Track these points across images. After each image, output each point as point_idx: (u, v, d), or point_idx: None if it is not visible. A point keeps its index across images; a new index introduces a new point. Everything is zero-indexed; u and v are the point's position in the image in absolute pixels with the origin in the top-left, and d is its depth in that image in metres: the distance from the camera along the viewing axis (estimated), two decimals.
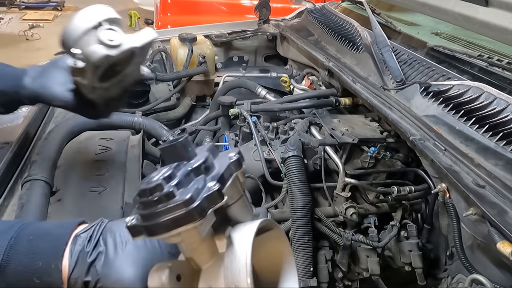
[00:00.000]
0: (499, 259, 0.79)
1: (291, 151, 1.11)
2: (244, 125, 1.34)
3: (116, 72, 0.83)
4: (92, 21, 0.74)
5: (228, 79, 1.96)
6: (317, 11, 1.92)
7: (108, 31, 0.74)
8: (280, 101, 1.51)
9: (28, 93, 0.83)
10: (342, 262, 1.09)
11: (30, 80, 0.83)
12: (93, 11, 0.75)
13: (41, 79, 0.83)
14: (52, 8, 7.57)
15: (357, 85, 1.29)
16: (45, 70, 0.84)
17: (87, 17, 0.74)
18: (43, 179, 0.95)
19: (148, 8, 5.81)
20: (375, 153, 1.16)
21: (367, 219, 1.19)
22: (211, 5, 3.98)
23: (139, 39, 0.78)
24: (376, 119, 1.32)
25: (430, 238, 1.17)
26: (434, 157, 0.92)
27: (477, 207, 0.79)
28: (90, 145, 1.15)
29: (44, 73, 0.84)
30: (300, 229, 1.03)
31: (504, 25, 1.16)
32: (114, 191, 1.01)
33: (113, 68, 0.81)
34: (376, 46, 1.32)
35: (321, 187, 1.18)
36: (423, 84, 1.11)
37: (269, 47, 2.19)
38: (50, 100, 0.83)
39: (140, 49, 0.79)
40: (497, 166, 0.84)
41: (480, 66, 1.14)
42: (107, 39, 0.73)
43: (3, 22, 6.80)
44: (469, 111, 0.97)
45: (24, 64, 0.93)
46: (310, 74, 1.82)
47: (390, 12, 1.82)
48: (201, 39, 1.93)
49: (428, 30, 1.53)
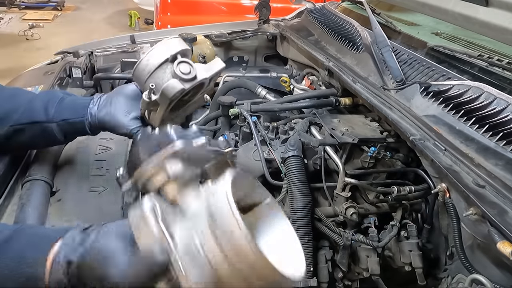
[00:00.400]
0: (499, 259, 0.78)
1: (291, 151, 1.11)
2: (244, 125, 1.34)
3: (184, 102, 0.86)
4: (167, 55, 0.76)
5: (228, 79, 1.96)
6: (317, 11, 1.92)
7: (182, 64, 0.76)
8: (280, 101, 1.51)
9: (94, 122, 0.85)
10: (342, 262, 1.09)
11: (96, 109, 0.85)
12: (168, 45, 0.77)
13: (107, 108, 0.85)
14: (52, 8, 7.57)
15: (357, 85, 1.29)
16: (110, 98, 0.86)
17: (162, 51, 0.77)
18: (43, 179, 0.95)
19: (148, 8, 5.80)
20: (375, 153, 1.16)
21: (367, 219, 1.19)
22: (211, 5, 3.98)
23: (210, 70, 0.81)
24: (376, 119, 1.32)
25: (430, 238, 1.17)
26: (434, 157, 0.92)
27: (477, 207, 0.79)
28: (90, 145, 1.15)
29: (109, 102, 0.86)
30: (300, 229, 1.03)
31: (504, 25, 1.16)
32: (114, 191, 1.01)
33: (182, 99, 0.83)
34: (376, 46, 1.32)
35: (321, 187, 1.18)
36: (423, 84, 1.11)
37: (269, 47, 2.19)
38: (114, 128, 0.86)
39: (210, 79, 0.82)
40: (497, 166, 0.84)
41: (480, 66, 1.14)
42: (182, 73, 0.76)
43: (3, 22, 6.80)
44: (469, 111, 0.97)
45: (24, 64, 0.94)
46: (310, 74, 1.82)
47: (390, 12, 1.82)
48: (201, 39, 1.93)
49: (428, 30, 1.53)
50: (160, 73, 0.77)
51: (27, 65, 2.02)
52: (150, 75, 0.77)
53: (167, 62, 0.77)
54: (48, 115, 0.85)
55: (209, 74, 0.80)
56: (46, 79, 1.49)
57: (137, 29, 6.59)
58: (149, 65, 0.77)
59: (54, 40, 5.97)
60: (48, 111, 0.85)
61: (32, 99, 0.88)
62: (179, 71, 0.76)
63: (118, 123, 0.84)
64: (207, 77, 0.80)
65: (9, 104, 0.86)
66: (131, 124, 0.84)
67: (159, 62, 0.76)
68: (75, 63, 1.70)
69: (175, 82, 0.76)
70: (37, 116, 0.85)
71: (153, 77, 0.77)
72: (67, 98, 0.90)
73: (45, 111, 0.85)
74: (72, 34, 6.37)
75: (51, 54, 1.91)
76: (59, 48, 1.90)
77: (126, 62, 1.70)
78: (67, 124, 0.86)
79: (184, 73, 0.76)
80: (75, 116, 0.86)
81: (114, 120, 0.84)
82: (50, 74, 1.54)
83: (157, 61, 0.76)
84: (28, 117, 0.85)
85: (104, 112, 0.85)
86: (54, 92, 0.93)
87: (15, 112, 0.85)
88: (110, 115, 0.84)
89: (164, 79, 0.77)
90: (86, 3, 8.30)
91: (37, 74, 1.61)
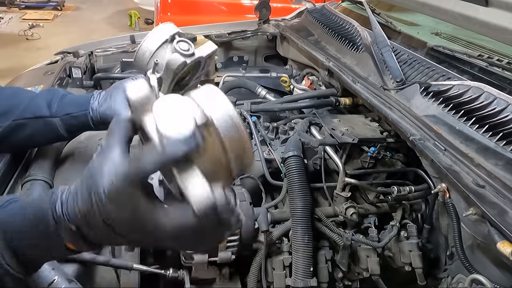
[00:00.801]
0: (499, 259, 0.79)
1: (291, 151, 1.11)
2: (244, 125, 1.34)
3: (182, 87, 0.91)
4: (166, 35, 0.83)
5: (228, 79, 1.96)
6: (317, 11, 1.92)
7: (181, 43, 0.83)
8: (280, 101, 1.51)
9: (96, 116, 0.87)
10: (342, 262, 1.09)
11: (97, 104, 0.87)
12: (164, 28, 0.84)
13: (107, 102, 0.88)
14: (52, 8, 7.57)
15: (357, 85, 1.29)
16: (110, 93, 0.89)
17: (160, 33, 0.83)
18: (43, 179, 0.95)
19: (148, 8, 5.80)
20: (375, 153, 1.16)
21: (367, 219, 1.19)
22: (211, 5, 3.98)
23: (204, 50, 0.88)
24: (376, 119, 1.32)
25: (430, 238, 1.17)
26: (434, 157, 0.92)
27: (477, 207, 0.79)
28: (90, 145, 1.14)
29: (109, 96, 0.88)
30: (300, 229, 1.03)
31: (504, 25, 1.16)
32: None
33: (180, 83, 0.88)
34: (376, 46, 1.32)
35: (321, 187, 1.18)
36: (423, 84, 1.11)
37: (269, 47, 2.19)
38: None
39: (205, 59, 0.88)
40: (497, 166, 0.84)
41: (480, 66, 1.14)
42: (182, 50, 0.82)
43: (3, 21, 6.80)
44: (469, 111, 0.97)
45: (24, 64, 0.95)
46: (310, 74, 1.82)
47: (390, 12, 1.82)
48: (201, 39, 1.93)
49: (428, 30, 1.53)
50: (161, 53, 0.83)
51: (27, 65, 2.02)
52: (152, 55, 0.83)
53: (166, 42, 0.83)
54: (51, 110, 0.86)
55: (205, 53, 0.87)
56: (46, 79, 1.49)
57: (137, 29, 6.59)
58: (150, 47, 0.83)
59: (54, 40, 5.98)
60: (51, 106, 0.87)
61: (34, 96, 0.89)
62: (179, 48, 0.82)
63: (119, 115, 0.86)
64: (204, 55, 0.87)
65: (11, 100, 0.87)
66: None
67: (159, 43, 0.82)
68: (75, 63, 1.70)
69: (177, 55, 0.82)
70: (40, 111, 0.86)
71: (155, 57, 0.83)
72: (68, 95, 0.91)
73: (48, 106, 0.87)
74: (72, 34, 6.37)
75: (51, 54, 1.91)
76: (59, 48, 1.90)
77: (126, 62, 1.70)
78: (71, 118, 0.87)
79: (184, 49, 0.82)
80: (78, 110, 0.87)
81: (116, 113, 0.86)
82: (50, 74, 1.54)
83: (157, 42, 0.82)
84: (32, 112, 0.86)
85: (105, 107, 0.87)
86: (56, 89, 0.94)
87: (17, 107, 0.86)
88: (111, 109, 0.86)
89: (166, 56, 0.83)
90: (86, 3, 8.30)
91: (37, 74, 1.61)
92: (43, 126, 0.87)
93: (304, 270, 1.01)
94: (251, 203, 1.02)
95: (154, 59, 0.82)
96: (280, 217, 1.15)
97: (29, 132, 0.87)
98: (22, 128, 0.86)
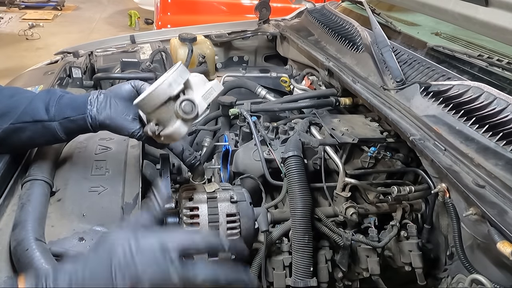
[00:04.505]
0: (499, 259, 0.79)
1: (291, 151, 1.11)
2: (244, 125, 1.34)
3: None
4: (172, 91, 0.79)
5: (228, 79, 1.96)
6: (317, 11, 1.92)
7: (185, 103, 0.79)
8: (280, 101, 1.51)
9: (95, 124, 0.87)
10: (342, 262, 1.09)
11: (96, 111, 0.86)
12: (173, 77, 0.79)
13: (106, 111, 0.87)
14: (52, 8, 7.58)
15: (357, 85, 1.29)
16: (108, 100, 0.88)
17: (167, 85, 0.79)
18: (43, 179, 0.95)
19: (148, 8, 5.81)
20: (375, 153, 1.16)
21: (367, 219, 1.19)
22: (211, 5, 3.98)
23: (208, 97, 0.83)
24: (376, 119, 1.32)
25: (430, 238, 1.17)
26: (434, 157, 0.92)
27: (477, 207, 0.78)
28: (90, 145, 1.14)
29: (108, 105, 0.87)
30: (300, 229, 1.03)
31: (504, 25, 1.16)
32: (114, 191, 1.01)
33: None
34: (376, 46, 1.32)
35: (321, 187, 1.18)
36: (423, 84, 1.11)
37: (269, 47, 2.19)
38: (116, 131, 0.89)
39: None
40: (497, 166, 0.84)
41: (480, 66, 1.14)
42: (185, 113, 0.79)
43: (3, 21, 6.80)
44: (469, 111, 0.97)
45: (24, 64, 0.95)
46: (310, 74, 1.82)
47: (390, 12, 1.82)
48: (201, 39, 1.93)
49: (428, 30, 1.53)
50: (163, 110, 0.80)
51: (27, 65, 2.02)
52: (154, 109, 0.80)
53: (171, 100, 0.80)
54: (50, 114, 0.86)
55: (207, 102, 0.83)
56: (46, 79, 1.49)
57: (137, 29, 6.59)
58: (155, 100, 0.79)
59: (54, 40, 5.98)
60: (49, 109, 0.86)
61: (33, 98, 0.88)
62: (182, 111, 0.79)
63: (119, 127, 0.87)
64: (205, 106, 0.83)
65: (9, 101, 0.87)
66: (132, 127, 0.87)
67: (163, 99, 0.79)
68: (75, 63, 1.70)
69: (180, 126, 0.80)
70: (38, 114, 0.86)
71: (157, 112, 0.81)
72: (65, 95, 0.91)
73: (46, 110, 0.86)
74: (72, 34, 6.37)
75: (51, 54, 1.92)
76: (59, 48, 1.90)
77: (126, 62, 1.70)
78: (69, 122, 0.87)
79: (186, 112, 0.79)
80: (76, 114, 0.87)
81: (115, 123, 0.87)
82: (50, 74, 1.54)
83: (162, 98, 0.79)
84: (30, 116, 0.86)
85: (104, 116, 0.86)
86: (53, 90, 0.93)
87: (15, 110, 0.86)
88: (110, 119, 0.86)
89: (167, 116, 0.81)
90: (86, 3, 8.30)
91: (37, 74, 1.61)
92: (41, 130, 0.86)
93: (304, 270, 1.01)
94: (251, 203, 1.01)
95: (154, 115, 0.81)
96: (280, 217, 1.15)
97: (28, 134, 0.87)
98: (21, 131, 0.86)
